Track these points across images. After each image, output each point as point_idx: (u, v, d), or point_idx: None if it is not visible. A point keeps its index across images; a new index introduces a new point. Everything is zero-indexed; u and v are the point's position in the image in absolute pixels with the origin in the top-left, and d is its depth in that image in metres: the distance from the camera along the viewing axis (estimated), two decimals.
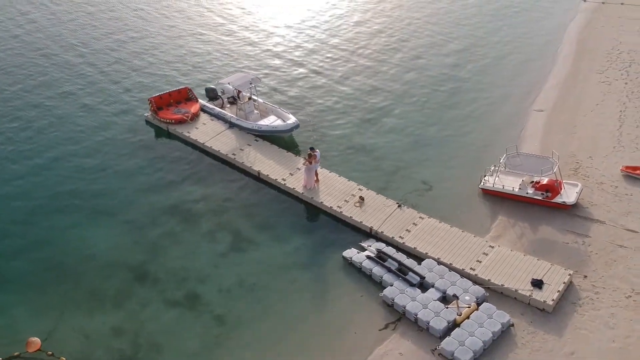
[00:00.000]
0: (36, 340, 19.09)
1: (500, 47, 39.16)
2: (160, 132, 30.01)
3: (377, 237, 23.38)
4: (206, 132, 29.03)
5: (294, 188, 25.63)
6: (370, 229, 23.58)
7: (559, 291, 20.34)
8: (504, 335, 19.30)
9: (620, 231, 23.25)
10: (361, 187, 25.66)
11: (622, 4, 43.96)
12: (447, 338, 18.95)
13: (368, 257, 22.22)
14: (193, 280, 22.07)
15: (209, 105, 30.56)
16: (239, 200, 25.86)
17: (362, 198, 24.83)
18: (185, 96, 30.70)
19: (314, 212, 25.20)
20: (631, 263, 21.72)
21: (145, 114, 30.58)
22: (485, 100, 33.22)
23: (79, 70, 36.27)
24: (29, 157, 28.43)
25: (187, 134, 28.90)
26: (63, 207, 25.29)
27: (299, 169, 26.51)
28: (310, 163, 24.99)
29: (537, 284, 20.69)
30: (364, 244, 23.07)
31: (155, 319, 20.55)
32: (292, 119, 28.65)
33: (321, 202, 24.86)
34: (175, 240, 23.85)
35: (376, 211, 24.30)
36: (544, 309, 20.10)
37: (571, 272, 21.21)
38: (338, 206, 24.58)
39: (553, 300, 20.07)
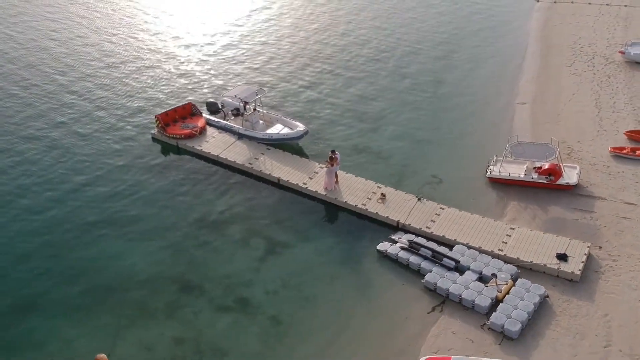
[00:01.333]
0: (103, 357, 19.28)
1: (475, 51, 41.31)
2: (169, 148, 30.38)
3: (405, 230, 24.74)
4: (217, 144, 29.67)
5: (316, 191, 26.68)
6: (398, 222, 24.92)
7: (583, 262, 22.29)
8: (542, 305, 20.99)
9: (620, 205, 25.57)
10: (379, 185, 26.98)
11: (572, 2, 47.49)
12: (494, 313, 20.47)
13: (402, 248, 23.53)
14: (238, 286, 22.73)
15: (214, 118, 31.20)
16: (263, 207, 26.66)
17: (383, 195, 26.16)
18: (189, 111, 31.22)
19: (338, 212, 26.32)
20: (638, 232, 23.97)
21: (152, 132, 30.87)
22: (473, 100, 35.22)
23: (62, 99, 35.40)
24: (43, 191, 27.87)
25: (198, 148, 29.45)
26: (95, 236, 25.09)
27: (316, 173, 27.60)
28: (332, 165, 26.12)
29: (562, 257, 22.58)
30: (394, 237, 24.37)
31: (211, 325, 21.12)
32: (300, 126, 29.73)
33: (345, 202, 26.02)
34: (211, 250, 24.42)
35: (399, 205, 25.68)
36: (572, 279, 21.98)
37: (589, 244, 23.24)
38: (363, 204, 25.81)
39: (580, 270, 21.99)
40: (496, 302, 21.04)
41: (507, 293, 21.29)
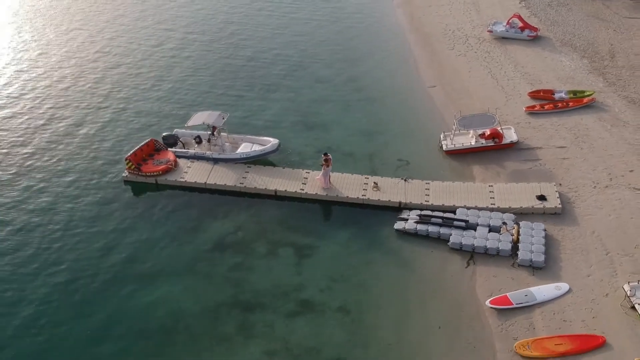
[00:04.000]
0: None
1: (366, 50, 45.01)
2: (146, 187, 29.89)
3: (408, 207, 27.85)
4: (198, 173, 30.01)
5: (316, 193, 28.61)
6: (399, 203, 27.96)
7: (558, 198, 27.37)
8: (546, 238, 25.52)
9: (555, 149, 31.37)
10: (366, 176, 29.73)
11: None
12: (519, 252, 24.53)
13: (417, 222, 26.65)
14: (292, 291, 24.06)
15: (181, 150, 31.35)
16: (271, 219, 27.92)
17: (376, 183, 28.98)
18: (153, 148, 30.95)
19: (341, 207, 28.54)
20: (579, 167, 29.79)
21: (123, 174, 30.08)
22: (391, 91, 38.96)
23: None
24: (41, 254, 26.20)
25: (181, 180, 29.55)
26: (128, 290, 24.35)
27: (306, 178, 29.50)
28: (328, 166, 28.30)
29: (542, 198, 27.48)
30: (404, 216, 27.36)
31: (291, 332, 22.33)
32: (272, 140, 31.24)
33: (347, 196, 28.38)
34: (246, 269, 25.23)
35: (392, 189, 28.72)
36: (556, 213, 26.92)
37: (554, 183, 28.46)
38: (362, 195, 28.40)
39: (559, 204, 27.01)
40: (514, 244, 25.14)
41: (519, 235, 25.51)
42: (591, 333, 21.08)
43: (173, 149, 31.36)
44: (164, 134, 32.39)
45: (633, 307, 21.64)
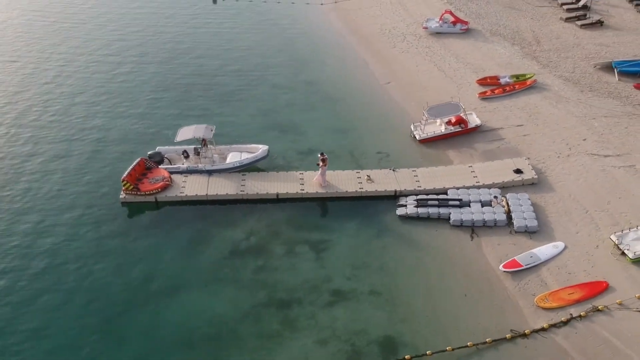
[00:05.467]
0: None
1: (314, 55, 46.60)
2: (145, 206, 29.92)
3: (403, 194, 30.05)
4: (196, 186, 30.48)
5: (316, 192, 30.10)
6: (395, 191, 30.09)
7: (534, 170, 30.68)
8: (533, 205, 28.63)
9: (515, 128, 34.84)
10: (357, 170, 31.61)
11: None
12: (514, 221, 27.44)
13: (416, 206, 28.90)
14: (322, 284, 25.45)
15: (172, 166, 31.64)
16: (279, 221, 29.03)
17: (369, 176, 30.93)
18: (144, 167, 31.00)
19: (341, 202, 30.17)
20: (540, 141, 33.37)
21: (120, 197, 29.93)
22: (351, 91, 40.84)
23: None
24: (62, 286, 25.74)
25: (181, 195, 29.92)
26: (138, 302, 24.79)
27: (302, 179, 30.90)
28: (325, 165, 29.90)
29: (519, 171, 30.66)
30: (402, 202, 29.52)
31: (334, 319, 23.75)
32: (261, 146, 32.32)
33: (345, 191, 30.12)
34: (271, 270, 26.26)
35: (384, 179, 30.80)
36: (533, 183, 30.18)
37: (524, 157, 31.79)
38: (360, 188, 30.25)
39: (535, 175, 30.31)
40: (508, 214, 28.04)
41: (509, 206, 28.45)
42: (595, 280, 24.24)
43: (164, 166, 31.60)
44: (149, 152, 32.47)
45: (623, 253, 25.11)
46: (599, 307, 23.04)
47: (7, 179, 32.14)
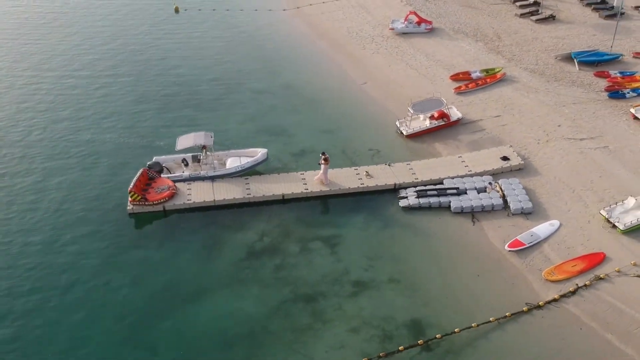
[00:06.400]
0: None
1: (284, 58, 47.61)
2: (153, 216, 30.12)
3: (403, 187, 31.58)
4: (202, 192, 30.96)
5: (320, 190, 31.21)
6: (395, 184, 31.60)
7: (520, 156, 32.88)
8: (524, 188, 30.78)
9: (493, 119, 37.07)
10: (355, 167, 32.93)
11: (310, 5, 58.15)
12: (510, 204, 29.45)
13: (417, 197, 30.50)
14: (341, 276, 26.54)
15: (175, 175, 32.00)
16: (288, 221, 29.92)
17: (367, 172, 32.31)
18: (147, 177, 31.24)
19: (344, 198, 31.37)
20: (518, 130, 35.70)
21: (128, 208, 30.06)
22: (331, 92, 41.97)
23: None
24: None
25: (189, 202, 30.37)
26: (163, 310, 25.16)
27: (303, 178, 31.95)
28: (327, 164, 31.06)
29: (505, 158, 32.79)
30: (403, 194, 31.04)
31: (361, 308, 24.89)
32: (259, 150, 33.14)
33: (348, 187, 31.38)
34: (290, 267, 27.16)
35: (382, 174, 32.25)
36: (520, 168, 32.37)
37: (508, 146, 33.98)
38: (361, 184, 31.58)
39: (522, 161, 32.52)
40: (504, 199, 30.04)
41: (503, 191, 30.47)
42: (593, 252, 26.48)
43: (166, 175, 31.94)
44: (148, 163, 32.70)
45: (613, 226, 27.49)
46: (601, 276, 25.23)
47: (9, 201, 31.50)
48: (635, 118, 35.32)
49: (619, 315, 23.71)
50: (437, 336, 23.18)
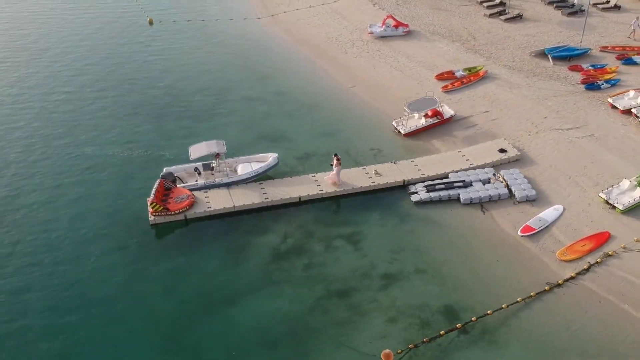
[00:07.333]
0: (389, 352, 23.05)
1: (269, 66, 48.34)
2: (175, 226, 30.43)
3: (412, 183, 33.11)
4: (220, 199, 31.54)
5: (334, 191, 32.38)
6: (403, 181, 33.09)
7: (515, 148, 34.98)
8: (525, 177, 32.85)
9: (483, 114, 39.15)
10: (364, 167, 34.25)
11: (284, 12, 59.26)
12: (515, 193, 31.40)
13: (428, 192, 32.09)
14: (370, 270, 27.71)
15: (190, 184, 32.49)
16: (307, 221, 30.89)
17: (376, 171, 33.70)
18: (164, 188, 31.64)
19: (356, 196, 32.60)
20: (508, 124, 37.86)
21: (150, 219, 30.39)
22: (322, 97, 43.28)
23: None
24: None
25: (209, 209, 30.95)
26: (198, 316, 25.73)
27: (316, 180, 33.04)
28: (339, 165, 32.28)
29: (503, 150, 34.82)
30: (413, 190, 32.56)
31: (394, 299, 26.11)
32: (270, 155, 34.01)
33: (360, 186, 32.67)
34: (318, 265, 28.13)
35: (390, 172, 33.69)
36: (518, 159, 34.45)
37: (503, 139, 36.05)
38: (372, 182, 32.92)
39: (519, 152, 34.62)
40: (508, 188, 31.98)
41: (506, 181, 32.43)
42: (598, 232, 28.65)
43: (183, 184, 32.42)
44: (161, 174, 33.06)
45: (613, 207, 29.79)
46: (610, 253, 27.39)
47: (29, 222, 31.23)
48: (613, 107, 38.04)
49: (631, 287, 25.87)
50: (472, 319, 24.70)
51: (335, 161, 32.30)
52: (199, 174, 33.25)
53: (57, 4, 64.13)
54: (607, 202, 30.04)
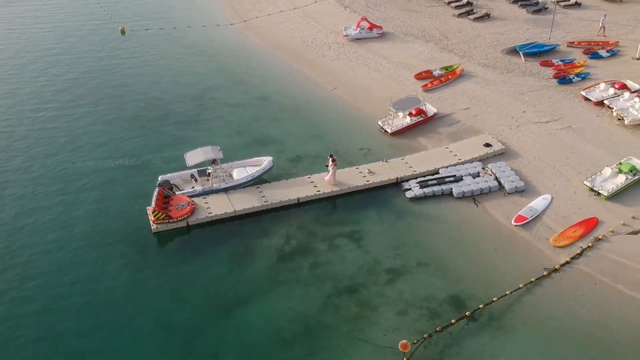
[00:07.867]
0: (406, 343, 23.90)
1: (248, 72, 48.27)
2: (177, 233, 30.58)
3: (405, 180, 34.13)
4: (220, 205, 31.80)
5: (331, 191, 33.10)
6: (397, 178, 34.08)
7: (499, 142, 36.42)
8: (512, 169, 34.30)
9: (464, 111, 40.54)
10: (356, 166, 35.08)
11: (257, 17, 59.62)
12: (504, 185, 32.78)
13: (421, 188, 33.16)
14: (374, 266, 28.60)
15: (189, 190, 32.66)
16: (307, 222, 31.51)
17: (369, 169, 34.58)
18: (163, 196, 31.72)
19: (352, 195, 33.41)
20: (489, 119, 39.34)
21: (152, 227, 30.45)
22: (307, 101, 43.85)
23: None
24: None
25: (211, 215, 31.22)
26: (209, 319, 26.15)
27: (312, 181, 33.70)
28: (335, 165, 33.03)
29: (488, 145, 36.23)
30: (407, 186, 33.58)
31: (401, 292, 27.10)
32: (265, 158, 34.45)
33: (356, 185, 33.49)
34: (324, 264, 28.82)
35: (383, 170, 34.62)
36: (502, 153, 35.90)
37: (487, 134, 37.47)
38: (367, 181, 33.77)
39: (503, 146, 36.08)
40: (498, 181, 33.33)
41: (495, 174, 33.79)
42: (586, 218, 30.23)
43: (180, 191, 32.57)
44: (158, 182, 33.09)
45: (598, 194, 31.47)
46: (599, 237, 28.99)
47: (35, 240, 30.76)
48: (586, 99, 39.99)
49: (623, 268, 27.47)
50: (479, 306, 25.82)
51: (330, 162, 33.02)
52: (195, 180, 33.46)
53: (27, 18, 62.36)
54: (592, 190, 31.69)
